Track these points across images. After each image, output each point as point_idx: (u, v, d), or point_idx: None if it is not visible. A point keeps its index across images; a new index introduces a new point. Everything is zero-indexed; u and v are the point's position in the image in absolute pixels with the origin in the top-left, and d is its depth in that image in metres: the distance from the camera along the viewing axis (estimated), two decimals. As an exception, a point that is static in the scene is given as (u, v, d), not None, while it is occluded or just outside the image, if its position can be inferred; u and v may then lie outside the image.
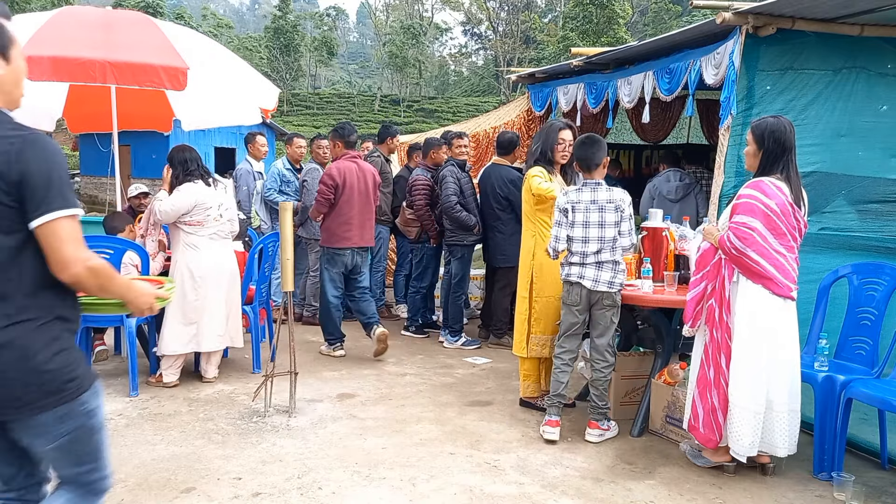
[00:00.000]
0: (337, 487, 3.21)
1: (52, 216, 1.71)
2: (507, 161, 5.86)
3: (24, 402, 1.76)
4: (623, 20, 37.28)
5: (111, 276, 1.88)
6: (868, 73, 4.13)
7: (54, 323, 1.81)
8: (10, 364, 1.72)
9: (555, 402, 3.90)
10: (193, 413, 4.16)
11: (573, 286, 3.85)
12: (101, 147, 17.81)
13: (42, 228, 1.71)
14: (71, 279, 1.77)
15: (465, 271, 6.06)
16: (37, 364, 1.75)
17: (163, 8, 40.00)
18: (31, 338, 1.75)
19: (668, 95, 4.86)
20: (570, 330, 3.91)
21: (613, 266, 3.77)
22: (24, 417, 1.79)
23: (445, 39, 68.76)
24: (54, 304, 1.81)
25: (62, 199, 1.73)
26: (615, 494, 3.22)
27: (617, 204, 3.77)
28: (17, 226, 1.71)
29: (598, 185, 3.82)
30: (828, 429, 3.38)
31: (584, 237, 3.79)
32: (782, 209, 3.20)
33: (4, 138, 1.70)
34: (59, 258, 1.74)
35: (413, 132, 10.89)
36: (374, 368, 5.26)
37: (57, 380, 1.79)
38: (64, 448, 1.86)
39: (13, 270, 1.73)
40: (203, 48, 5.11)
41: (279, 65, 47.49)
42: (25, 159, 1.69)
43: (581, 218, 3.80)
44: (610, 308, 3.81)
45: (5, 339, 1.72)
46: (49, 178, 1.70)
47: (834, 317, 3.76)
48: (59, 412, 1.80)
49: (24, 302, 1.75)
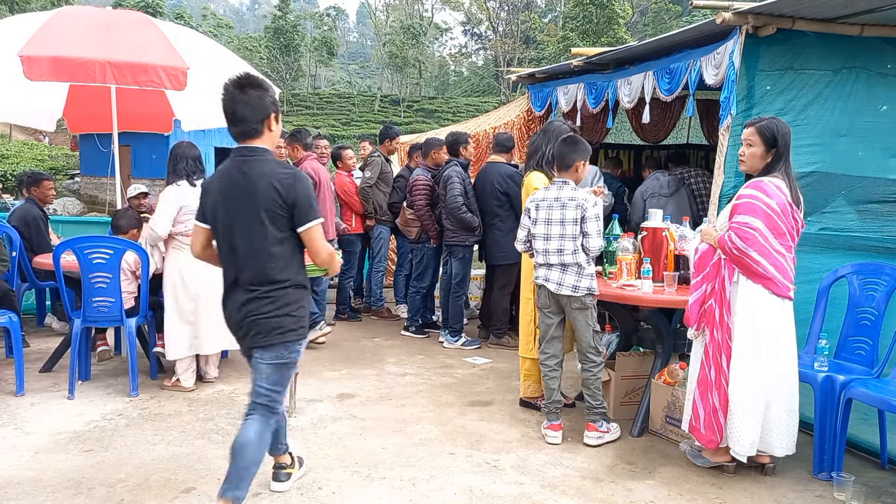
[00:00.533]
0: (337, 487, 3.21)
1: (311, 224, 2.70)
2: (505, 159, 5.89)
3: (277, 333, 2.71)
4: (623, 20, 37.29)
5: (334, 255, 2.86)
6: (868, 73, 4.13)
7: (301, 288, 2.79)
8: (273, 311, 2.71)
9: (552, 409, 3.88)
10: (193, 413, 4.16)
11: (541, 289, 3.86)
12: (101, 147, 17.80)
13: (306, 232, 2.71)
14: (321, 262, 2.79)
15: (465, 271, 6.06)
16: (288, 311, 2.73)
17: (163, 8, 40.01)
18: (288, 296, 2.73)
19: (668, 95, 4.85)
20: (548, 334, 3.89)
21: (578, 269, 3.72)
22: (271, 342, 2.72)
23: (445, 39, 68.79)
24: (300, 275, 2.79)
25: (314, 213, 2.71)
26: (615, 494, 3.22)
27: (579, 202, 3.72)
28: (287, 228, 2.70)
29: (565, 184, 3.81)
30: (828, 429, 3.38)
31: (546, 234, 3.78)
32: (783, 209, 3.20)
33: (283, 174, 2.68)
34: (316, 248, 2.74)
35: (413, 132, 10.90)
36: (374, 368, 5.26)
37: (296, 324, 2.76)
38: (276, 368, 2.77)
39: (281, 252, 2.71)
40: (203, 48, 5.12)
41: (279, 65, 47.47)
42: (296, 189, 2.66)
43: (543, 215, 3.80)
44: (580, 310, 3.75)
45: (274, 296, 2.70)
46: (308, 201, 2.68)
47: (834, 317, 3.76)
48: (288, 344, 2.75)
49: (284, 273, 2.71)
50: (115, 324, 4.60)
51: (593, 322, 3.80)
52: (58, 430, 3.83)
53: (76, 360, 4.44)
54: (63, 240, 4.70)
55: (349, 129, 40.34)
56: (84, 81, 4.46)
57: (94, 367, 4.98)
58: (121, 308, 4.48)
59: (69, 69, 4.33)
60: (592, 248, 3.73)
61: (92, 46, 4.43)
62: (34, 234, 5.80)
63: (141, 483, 3.21)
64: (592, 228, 3.71)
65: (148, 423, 3.98)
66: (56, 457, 3.48)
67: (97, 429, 3.87)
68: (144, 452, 3.56)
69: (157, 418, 4.05)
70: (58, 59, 4.30)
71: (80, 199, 23.29)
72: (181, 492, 3.14)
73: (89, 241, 4.49)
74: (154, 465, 3.41)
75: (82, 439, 3.71)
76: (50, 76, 4.34)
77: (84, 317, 4.47)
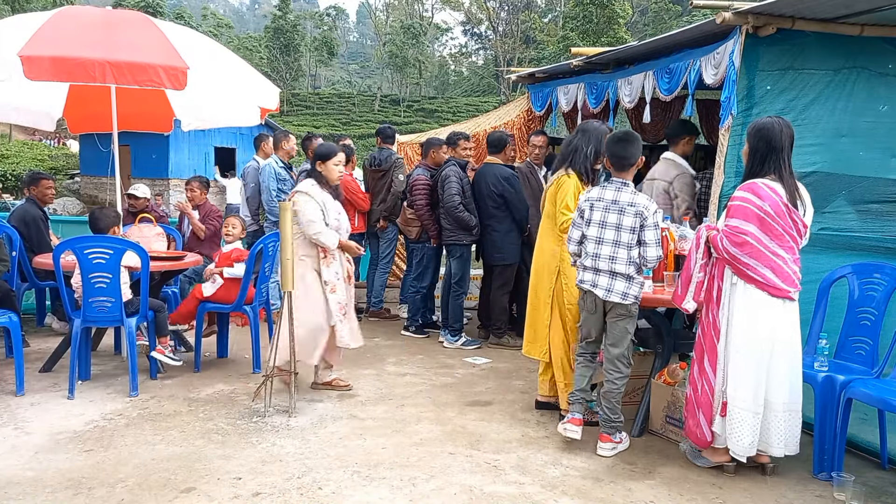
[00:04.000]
0: (337, 487, 3.21)
1: None
2: (500, 159, 5.90)
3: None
4: (623, 20, 37.26)
5: None
6: (868, 73, 4.14)
7: None
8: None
9: (578, 399, 3.74)
10: (193, 413, 4.16)
11: (587, 294, 3.70)
12: (101, 147, 17.80)
13: None
14: None
15: (464, 270, 6.06)
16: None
17: (163, 8, 40.04)
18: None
19: (668, 95, 4.86)
20: (591, 336, 3.76)
21: (628, 279, 3.59)
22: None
23: (445, 39, 68.82)
24: None
25: None
26: (615, 494, 3.22)
27: (639, 209, 3.54)
28: None
29: (624, 186, 3.61)
30: (828, 429, 3.38)
31: (599, 237, 3.61)
32: (776, 210, 3.18)
33: None
34: None
35: (413, 132, 10.88)
36: (374, 368, 5.26)
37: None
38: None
39: None
40: (203, 48, 5.11)
41: (279, 65, 47.48)
42: None
43: (598, 216, 3.62)
44: (623, 318, 3.63)
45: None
46: None
47: (834, 317, 3.76)
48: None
49: None
50: (115, 324, 4.60)
51: (632, 331, 3.67)
52: (58, 430, 3.83)
53: (76, 360, 4.44)
54: (62, 240, 4.69)
55: (349, 128, 40.34)
56: (84, 81, 4.45)
57: (95, 366, 4.98)
58: (121, 308, 4.48)
59: (69, 69, 4.32)
60: (650, 259, 3.56)
61: (92, 46, 4.42)
62: (34, 233, 5.79)
63: (141, 483, 3.21)
64: (651, 237, 3.53)
65: (148, 423, 3.98)
66: (56, 457, 3.48)
67: (97, 429, 3.87)
68: (144, 452, 3.55)
69: (157, 418, 4.05)
70: (58, 59, 4.29)
71: (80, 198, 23.31)
72: (181, 492, 3.13)
73: (92, 241, 4.49)
74: (154, 465, 3.41)
75: (82, 439, 3.71)
76: (50, 76, 4.33)
77: (84, 317, 4.47)
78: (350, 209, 6.78)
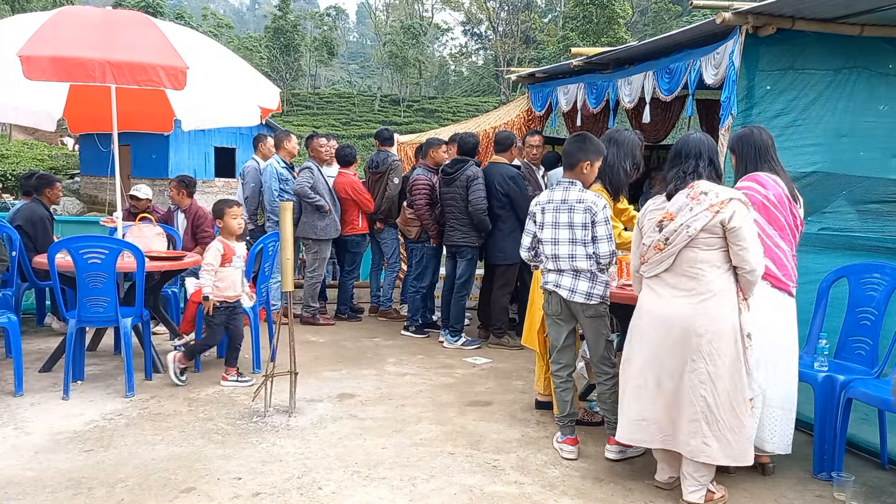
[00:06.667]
0: (337, 487, 3.21)
1: None
2: (505, 158, 5.88)
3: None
4: (623, 20, 37.32)
5: None
6: (868, 73, 4.14)
7: None
8: None
9: (566, 423, 3.66)
10: (193, 413, 4.16)
11: (551, 295, 3.64)
12: (101, 147, 17.79)
13: None
14: None
15: (471, 272, 6.04)
16: None
17: (163, 8, 40.06)
18: None
19: (668, 95, 4.86)
20: (559, 342, 3.67)
21: (592, 276, 3.52)
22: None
23: (445, 39, 68.84)
24: None
25: None
26: (615, 494, 3.22)
27: (587, 205, 3.50)
28: None
29: (572, 185, 3.58)
30: (828, 429, 3.38)
31: (555, 238, 3.57)
32: (780, 201, 3.21)
33: None
34: None
35: (413, 132, 10.89)
36: (374, 368, 5.26)
37: None
38: None
39: None
40: (203, 48, 5.10)
41: (279, 65, 47.52)
42: None
43: (550, 218, 3.59)
44: (593, 318, 3.56)
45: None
46: None
47: (834, 317, 3.76)
48: None
49: None
50: (111, 324, 4.60)
51: (607, 332, 3.59)
52: (58, 429, 3.83)
53: (70, 360, 4.43)
54: (59, 239, 4.69)
55: (349, 128, 40.37)
56: (84, 81, 4.44)
57: (95, 366, 4.98)
58: (116, 308, 4.47)
59: (69, 69, 4.32)
60: (603, 255, 3.50)
61: (92, 46, 4.42)
62: (40, 233, 5.80)
63: (141, 483, 3.21)
64: (602, 233, 3.49)
65: (148, 422, 3.98)
66: (56, 457, 3.48)
67: (97, 429, 3.87)
68: (144, 452, 3.55)
69: (156, 418, 4.05)
70: (58, 58, 4.28)
71: (80, 198, 23.34)
72: (181, 492, 3.13)
73: (85, 240, 4.49)
74: (154, 464, 3.41)
75: (82, 439, 3.71)
76: (49, 76, 4.32)
77: (79, 317, 4.47)
78: (355, 209, 6.78)
